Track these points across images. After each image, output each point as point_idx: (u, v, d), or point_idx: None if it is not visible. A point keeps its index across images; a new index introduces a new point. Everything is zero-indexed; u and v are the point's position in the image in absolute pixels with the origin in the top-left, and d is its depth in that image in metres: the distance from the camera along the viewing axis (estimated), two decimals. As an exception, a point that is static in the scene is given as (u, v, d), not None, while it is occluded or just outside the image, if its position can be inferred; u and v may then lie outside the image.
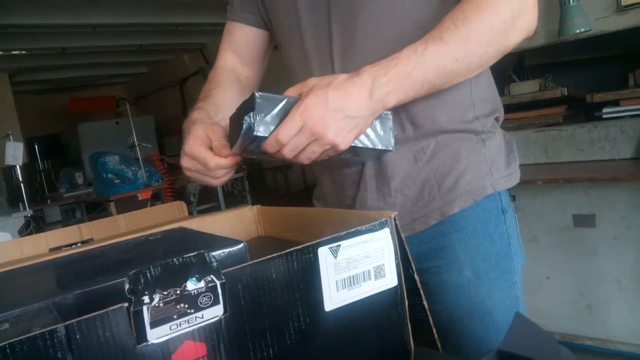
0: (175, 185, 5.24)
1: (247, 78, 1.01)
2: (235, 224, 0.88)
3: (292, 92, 0.68)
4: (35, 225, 4.31)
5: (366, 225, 0.56)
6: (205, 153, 0.74)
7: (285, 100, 0.66)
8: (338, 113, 0.64)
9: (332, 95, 0.65)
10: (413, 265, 0.60)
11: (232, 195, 5.38)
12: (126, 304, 0.40)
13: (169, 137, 7.58)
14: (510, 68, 2.38)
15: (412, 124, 0.82)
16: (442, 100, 0.80)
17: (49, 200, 5.47)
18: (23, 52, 5.31)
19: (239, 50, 1.01)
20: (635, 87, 1.93)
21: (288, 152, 0.66)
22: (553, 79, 2.23)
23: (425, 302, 0.62)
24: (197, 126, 0.77)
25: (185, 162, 0.76)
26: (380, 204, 0.87)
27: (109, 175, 4.40)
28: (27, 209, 4.11)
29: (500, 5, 0.69)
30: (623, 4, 1.87)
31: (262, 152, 0.69)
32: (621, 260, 1.86)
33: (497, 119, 0.91)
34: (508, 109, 2.24)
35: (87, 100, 7.76)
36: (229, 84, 0.96)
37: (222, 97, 0.92)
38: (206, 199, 5.27)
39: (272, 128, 0.65)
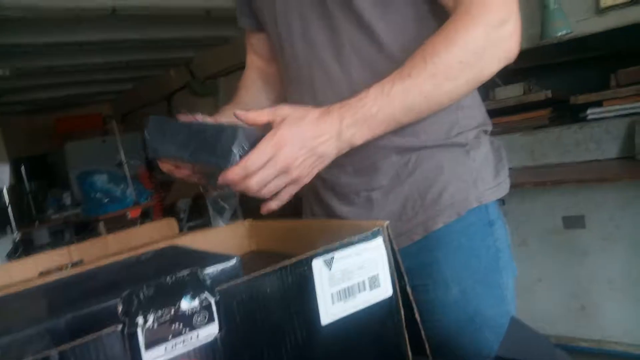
0: (165, 202, 5.21)
1: (275, 72, 1.03)
2: (228, 240, 0.87)
3: (263, 116, 0.68)
4: (23, 248, 4.25)
5: (359, 236, 0.56)
6: None
7: (242, 131, 0.66)
8: (309, 151, 0.66)
9: (305, 131, 0.66)
10: (405, 276, 0.60)
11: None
12: (120, 326, 0.40)
13: (157, 153, 7.54)
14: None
15: (393, 143, 0.81)
16: (425, 120, 0.78)
17: (37, 223, 5.40)
18: (7, 72, 5.27)
19: (258, 51, 1.05)
20: (617, 87, 1.96)
21: (254, 184, 0.65)
22: (537, 82, 2.26)
23: (417, 315, 0.61)
24: None
25: None
26: (364, 219, 0.85)
27: (98, 194, 4.36)
28: (15, 232, 4.06)
29: (472, 36, 0.68)
30: (602, 6, 1.90)
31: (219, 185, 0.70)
32: (612, 260, 1.88)
33: (484, 131, 0.89)
34: (493, 113, 2.28)
35: (73, 118, 7.70)
36: (251, 83, 1.04)
37: (245, 95, 1.00)
38: (197, 215, 5.24)
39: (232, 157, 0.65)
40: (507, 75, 2.45)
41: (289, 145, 0.65)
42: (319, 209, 0.96)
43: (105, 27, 4.40)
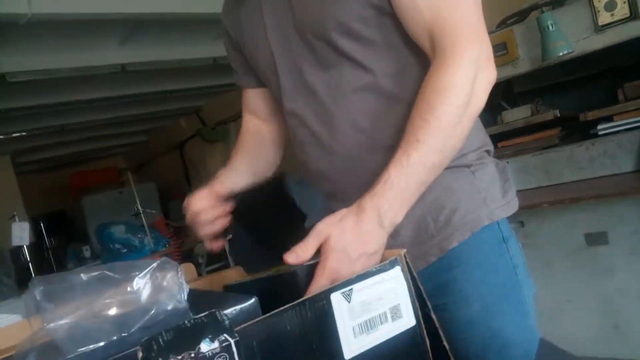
0: (182, 248, 5.22)
1: (270, 132, 1.08)
2: (244, 280, 0.86)
3: (311, 248, 0.67)
4: (45, 304, 4.25)
5: (377, 266, 0.56)
6: (187, 205, 0.90)
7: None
8: (362, 257, 0.66)
9: (350, 246, 0.66)
10: (429, 303, 0.59)
11: (241, 252, 5.33)
12: (141, 373, 0.39)
13: (173, 201, 7.62)
14: (500, 97, 2.42)
15: None
16: None
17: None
18: (23, 133, 5.41)
19: (255, 111, 1.09)
20: (625, 101, 1.95)
21: None
22: (544, 102, 2.26)
23: (445, 343, 0.60)
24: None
25: (187, 215, 0.91)
26: None
27: (116, 245, 4.40)
28: (36, 289, 4.07)
29: (457, 80, 0.71)
30: (600, 23, 1.91)
31: None
32: (639, 274, 1.83)
33: (487, 152, 0.92)
34: (503, 136, 2.28)
35: (89, 173, 7.85)
36: (247, 145, 1.08)
37: (241, 161, 1.05)
38: (215, 259, 5.23)
39: None
40: (513, 98, 2.46)
41: (342, 269, 0.64)
42: None
43: (115, 83, 4.52)
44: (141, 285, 0.58)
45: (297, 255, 0.66)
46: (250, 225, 0.85)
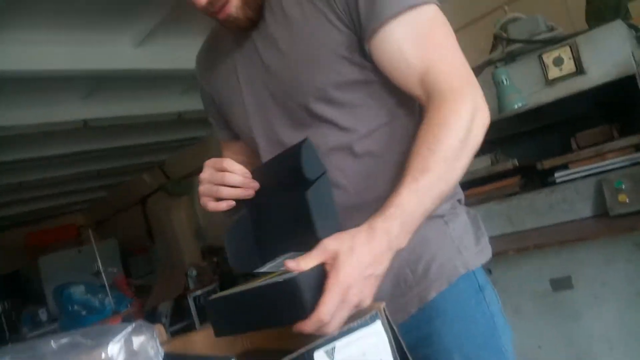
0: (146, 308, 5.02)
1: (256, 159, 1.05)
2: (220, 340, 0.84)
3: (314, 260, 0.66)
4: (-5, 374, 3.97)
5: (357, 321, 0.55)
6: (222, 159, 0.82)
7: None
8: (370, 278, 0.65)
9: (363, 262, 0.65)
10: (410, 357, 0.59)
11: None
12: None
13: (135, 257, 7.39)
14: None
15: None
16: None
17: (9, 344, 5.10)
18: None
19: (239, 153, 1.07)
20: (579, 149, 2.06)
21: (330, 330, 0.60)
22: (502, 152, 2.35)
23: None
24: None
25: (202, 174, 0.84)
26: None
27: (75, 307, 4.20)
28: (-14, 357, 3.81)
29: (461, 115, 0.75)
30: (550, 78, 2.04)
31: None
32: (605, 317, 1.86)
33: (458, 201, 0.94)
34: (466, 185, 2.33)
35: (47, 232, 7.57)
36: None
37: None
38: (179, 318, 5.04)
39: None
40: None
41: (354, 285, 0.63)
42: None
43: (77, 139, 4.46)
44: (115, 351, 0.56)
45: (298, 264, 0.64)
46: (258, 210, 0.83)
